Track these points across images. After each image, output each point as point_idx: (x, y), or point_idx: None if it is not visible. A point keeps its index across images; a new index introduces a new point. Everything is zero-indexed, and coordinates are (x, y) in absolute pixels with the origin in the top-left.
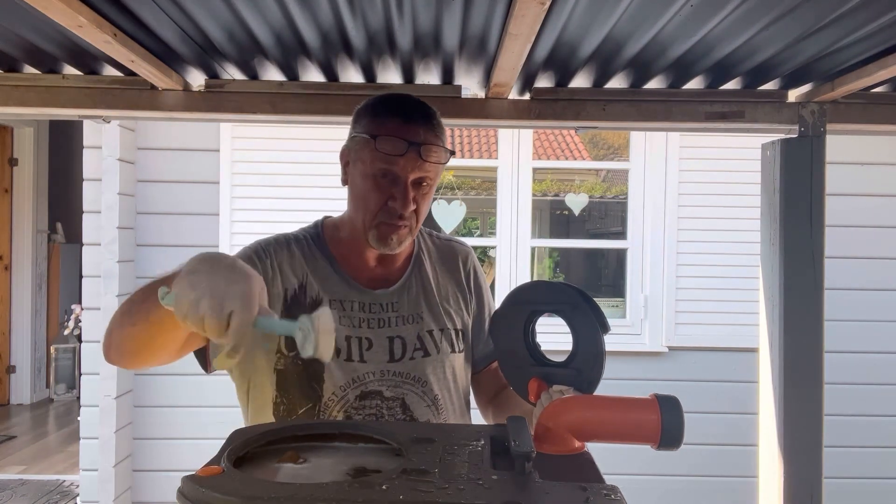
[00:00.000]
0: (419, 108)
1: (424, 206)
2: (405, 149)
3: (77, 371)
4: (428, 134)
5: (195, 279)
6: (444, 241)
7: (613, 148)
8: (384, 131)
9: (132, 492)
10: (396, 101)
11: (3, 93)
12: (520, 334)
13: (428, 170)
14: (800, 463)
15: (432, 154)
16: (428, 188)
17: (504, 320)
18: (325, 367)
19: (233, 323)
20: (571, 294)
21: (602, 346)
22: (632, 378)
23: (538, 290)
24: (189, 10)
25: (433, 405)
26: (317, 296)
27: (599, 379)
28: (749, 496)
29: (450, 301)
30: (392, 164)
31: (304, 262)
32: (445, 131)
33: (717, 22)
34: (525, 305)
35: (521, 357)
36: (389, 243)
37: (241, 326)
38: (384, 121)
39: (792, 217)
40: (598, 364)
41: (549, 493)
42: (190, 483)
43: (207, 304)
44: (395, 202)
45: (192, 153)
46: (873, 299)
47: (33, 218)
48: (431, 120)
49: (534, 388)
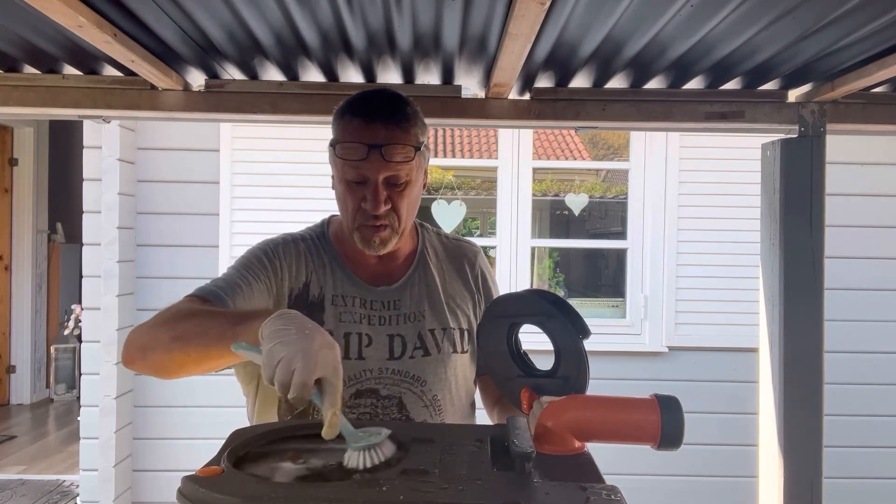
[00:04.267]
0: (382, 106)
1: (405, 203)
2: (365, 153)
3: (77, 371)
4: (392, 132)
5: (288, 342)
6: (453, 240)
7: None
8: (345, 136)
9: (132, 492)
10: (359, 102)
11: (3, 93)
12: (504, 347)
13: (396, 169)
14: (800, 463)
15: (395, 154)
16: (405, 186)
17: (487, 334)
18: None
19: (326, 390)
20: (544, 305)
21: (583, 353)
22: (632, 378)
23: (513, 303)
24: (189, 10)
25: (431, 405)
26: (319, 293)
27: (587, 384)
28: (749, 496)
29: (456, 300)
30: (358, 168)
31: (309, 261)
32: (417, 124)
33: (717, 22)
34: (503, 319)
35: (508, 369)
36: (373, 245)
37: (332, 395)
38: (346, 125)
39: (792, 217)
40: (581, 371)
41: (549, 493)
42: (190, 483)
43: (301, 366)
44: (367, 204)
45: (192, 153)
46: (873, 299)
47: (33, 218)
48: (396, 116)
49: (526, 398)
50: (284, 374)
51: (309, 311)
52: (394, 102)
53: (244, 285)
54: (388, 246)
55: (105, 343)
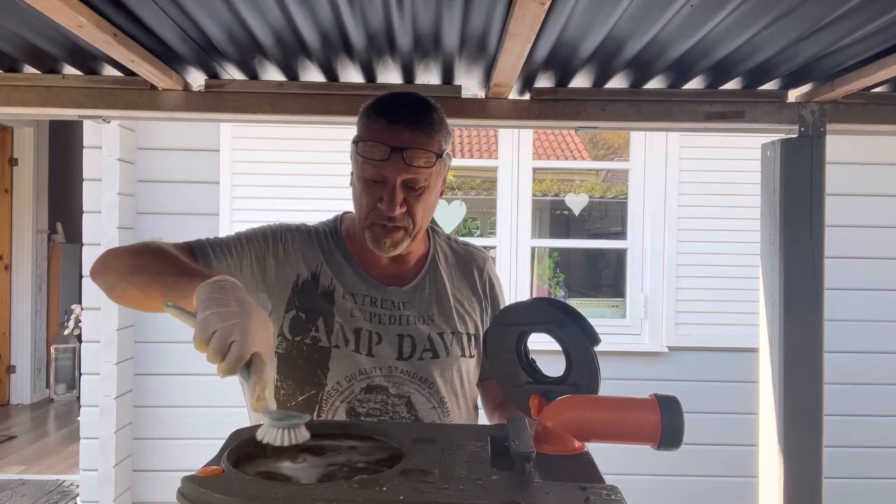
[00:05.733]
0: (410, 109)
1: (421, 208)
2: (387, 154)
3: (77, 371)
4: (416, 136)
5: (226, 313)
6: (463, 245)
7: (613, 148)
8: (369, 135)
9: (132, 492)
10: (388, 102)
11: (3, 93)
12: (513, 355)
13: (416, 173)
14: (800, 463)
15: (417, 158)
16: (423, 191)
17: (496, 342)
18: (330, 356)
19: (256, 366)
20: (556, 313)
21: (595, 361)
22: (632, 378)
23: (523, 311)
24: (189, 10)
25: (439, 407)
26: (330, 285)
27: (598, 391)
28: (749, 496)
29: (464, 305)
30: (378, 168)
31: (321, 253)
32: (442, 130)
33: (717, 22)
34: (513, 327)
35: (518, 376)
36: (383, 246)
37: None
38: (371, 123)
39: (792, 217)
40: (593, 378)
41: (549, 493)
42: (190, 483)
43: (239, 339)
44: (383, 204)
45: (192, 153)
46: (873, 299)
47: (33, 218)
48: (422, 121)
49: (535, 405)
50: (221, 344)
51: (319, 299)
52: (421, 107)
53: (236, 252)
54: (398, 248)
55: (105, 343)
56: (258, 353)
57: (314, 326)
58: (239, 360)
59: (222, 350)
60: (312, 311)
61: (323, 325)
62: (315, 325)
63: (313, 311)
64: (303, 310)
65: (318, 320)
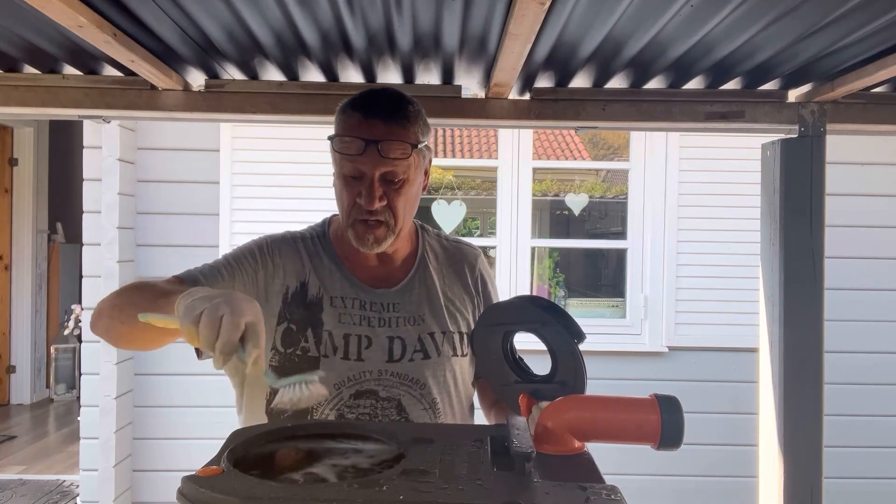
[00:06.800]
0: (384, 102)
1: (401, 202)
2: (362, 148)
3: (77, 371)
4: (391, 128)
5: (209, 296)
6: (453, 242)
7: (613, 148)
8: (343, 130)
9: (132, 492)
10: (363, 97)
11: (3, 93)
12: (500, 355)
13: (393, 165)
14: (800, 463)
15: (392, 150)
16: (403, 184)
17: (481, 342)
18: (320, 364)
19: (250, 335)
20: (538, 312)
21: (579, 357)
22: (632, 378)
23: (506, 311)
24: (189, 10)
25: (430, 408)
26: (318, 293)
27: (585, 387)
28: (749, 496)
29: (455, 304)
30: (354, 163)
31: (309, 261)
32: (418, 123)
33: (717, 22)
34: (497, 327)
35: (505, 375)
36: (367, 242)
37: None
38: (346, 119)
39: (792, 217)
40: (579, 375)
41: (549, 493)
42: (190, 483)
43: (228, 311)
44: (362, 199)
45: (192, 153)
46: (873, 299)
47: (33, 218)
48: (395, 113)
49: (524, 403)
50: (211, 319)
51: (307, 309)
52: (395, 100)
53: (227, 274)
54: (382, 245)
55: (105, 343)
56: (251, 321)
57: (303, 337)
58: (234, 330)
59: (214, 326)
60: (302, 322)
61: (312, 335)
62: (304, 336)
63: (303, 322)
64: (293, 321)
65: (308, 330)
